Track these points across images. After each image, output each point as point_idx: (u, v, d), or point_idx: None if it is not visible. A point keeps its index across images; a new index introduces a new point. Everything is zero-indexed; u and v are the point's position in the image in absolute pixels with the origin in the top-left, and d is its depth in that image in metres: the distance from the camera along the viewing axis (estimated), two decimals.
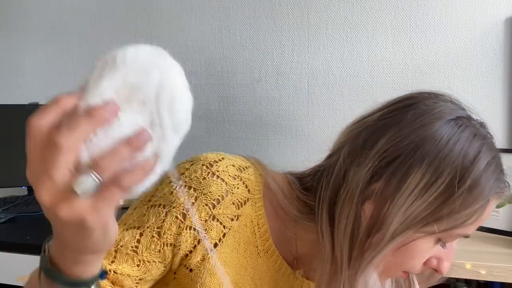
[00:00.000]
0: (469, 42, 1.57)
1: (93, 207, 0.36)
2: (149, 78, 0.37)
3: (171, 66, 0.40)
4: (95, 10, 1.99)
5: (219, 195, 0.61)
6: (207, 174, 0.61)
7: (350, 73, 1.70)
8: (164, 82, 0.38)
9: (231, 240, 0.62)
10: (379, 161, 0.58)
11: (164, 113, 0.38)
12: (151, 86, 0.37)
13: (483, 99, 1.56)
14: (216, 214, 0.61)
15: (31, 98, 2.07)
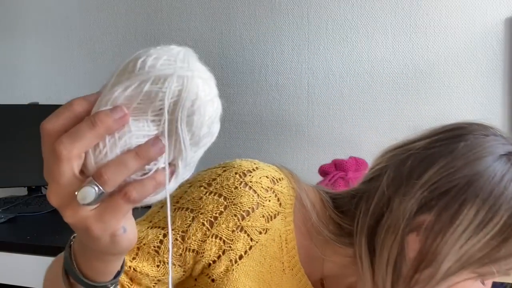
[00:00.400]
0: (469, 42, 1.57)
1: (98, 216, 0.36)
2: (166, 87, 0.35)
3: (195, 74, 0.36)
4: (95, 10, 1.99)
5: (250, 207, 0.59)
6: (240, 184, 0.59)
7: (350, 73, 1.70)
8: (183, 92, 0.35)
9: (257, 253, 0.60)
10: (428, 192, 0.56)
11: (182, 125, 0.36)
12: (168, 95, 0.35)
13: (483, 99, 1.56)
14: (244, 226, 0.59)
15: (31, 98, 2.07)
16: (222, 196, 0.59)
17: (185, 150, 0.37)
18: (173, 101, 0.35)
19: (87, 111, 0.35)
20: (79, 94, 1.43)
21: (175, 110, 0.35)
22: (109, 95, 0.35)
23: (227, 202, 0.58)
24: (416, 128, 1.80)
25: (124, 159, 0.35)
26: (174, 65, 0.35)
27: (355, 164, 1.37)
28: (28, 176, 1.82)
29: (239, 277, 0.59)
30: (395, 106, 1.65)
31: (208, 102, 0.36)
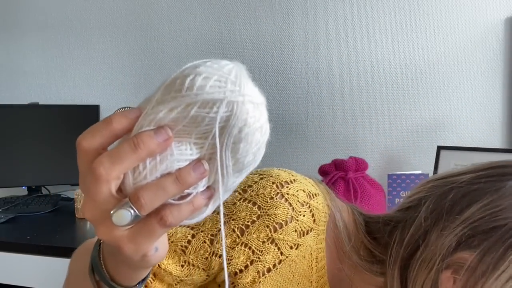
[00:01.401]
0: (469, 42, 1.57)
1: (131, 238, 0.36)
2: (215, 112, 0.33)
3: (246, 100, 0.33)
4: (95, 10, 1.99)
5: (283, 220, 0.57)
6: (276, 195, 0.58)
7: (350, 73, 1.70)
8: (232, 119, 0.33)
9: (286, 269, 0.59)
10: (469, 230, 0.52)
11: (227, 152, 0.34)
12: (216, 120, 0.33)
13: (483, 99, 1.56)
14: (275, 238, 0.57)
15: (31, 98, 2.07)
16: (257, 205, 0.57)
17: (227, 177, 0.35)
18: (220, 126, 0.33)
19: (127, 130, 0.34)
20: (78, 94, 1.45)
21: (221, 135, 0.34)
22: (153, 115, 0.33)
23: (261, 211, 0.57)
24: (416, 128, 1.80)
25: (163, 184, 0.34)
26: (224, 88, 0.33)
27: (355, 164, 1.37)
28: (28, 176, 1.83)
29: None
30: (395, 106, 1.65)
31: (257, 129, 0.34)
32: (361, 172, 1.39)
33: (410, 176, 1.41)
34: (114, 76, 1.97)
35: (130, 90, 1.95)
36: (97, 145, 0.34)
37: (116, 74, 1.97)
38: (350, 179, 1.34)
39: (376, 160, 1.67)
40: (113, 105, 1.89)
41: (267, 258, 0.57)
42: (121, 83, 1.96)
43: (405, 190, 1.41)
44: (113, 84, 1.97)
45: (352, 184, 1.33)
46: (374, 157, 1.67)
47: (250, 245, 0.57)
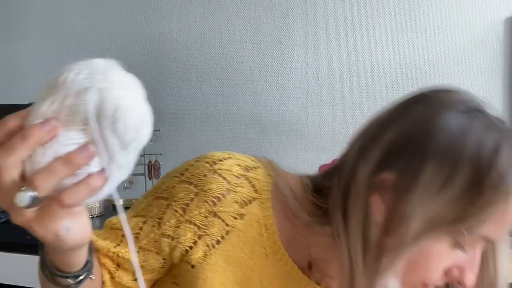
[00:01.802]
0: (469, 42, 1.57)
1: (37, 219, 0.39)
2: (86, 100, 0.38)
3: (114, 86, 0.39)
4: (95, 10, 1.99)
5: (220, 193, 0.61)
6: (209, 172, 0.61)
7: (350, 73, 1.70)
8: (103, 103, 0.38)
9: (235, 239, 0.61)
10: (385, 151, 0.56)
11: (107, 132, 0.39)
12: (89, 107, 0.38)
13: (483, 99, 1.56)
14: (217, 211, 0.60)
15: (31, 98, 2.06)
16: (193, 184, 0.61)
17: (115, 155, 0.39)
18: (97, 111, 0.38)
19: (20, 126, 0.39)
20: None
21: (98, 119, 0.38)
22: (39, 110, 0.39)
23: (197, 189, 0.61)
24: None
25: (53, 166, 0.38)
26: (92, 79, 0.39)
27: None
28: None
29: (217, 262, 0.61)
30: None
31: (129, 109, 0.39)
32: None
33: None
34: None
35: None
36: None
37: None
38: None
39: None
40: None
41: (214, 231, 0.60)
42: None
43: None
44: None
45: None
46: None
47: (194, 222, 0.60)
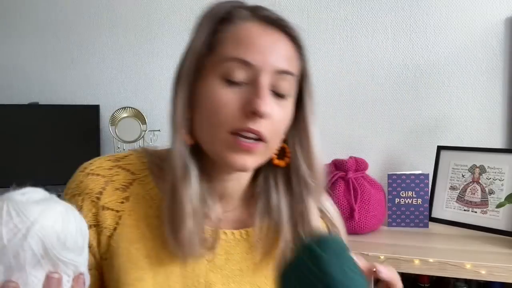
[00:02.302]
0: (469, 42, 1.57)
1: None
2: (28, 249, 0.43)
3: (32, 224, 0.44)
4: (95, 10, 1.99)
5: (99, 188, 0.67)
6: (83, 177, 0.68)
7: (350, 73, 1.70)
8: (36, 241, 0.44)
9: (128, 219, 0.66)
10: None
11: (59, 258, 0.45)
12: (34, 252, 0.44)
13: (483, 99, 1.56)
14: (103, 205, 0.66)
15: (31, 98, 2.07)
16: (77, 194, 0.68)
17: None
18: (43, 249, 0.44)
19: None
20: (78, 94, 1.45)
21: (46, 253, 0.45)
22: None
23: (81, 196, 0.67)
24: (416, 128, 1.81)
25: None
26: (16, 233, 0.43)
27: (355, 164, 1.37)
28: (28, 176, 1.82)
29: (120, 245, 0.65)
30: (395, 106, 1.65)
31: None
32: (361, 172, 1.39)
33: (410, 176, 1.41)
34: (114, 76, 1.97)
35: (130, 90, 1.95)
36: None
37: (116, 74, 1.97)
38: (350, 179, 1.34)
39: (376, 160, 1.67)
40: (113, 105, 1.89)
41: (109, 222, 0.66)
42: (121, 83, 1.96)
43: (405, 190, 1.41)
44: (113, 84, 1.97)
45: (352, 184, 1.33)
46: (374, 157, 1.67)
47: (91, 224, 0.66)
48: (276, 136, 0.64)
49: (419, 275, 1.40)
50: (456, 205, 1.42)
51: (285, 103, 0.65)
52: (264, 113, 0.59)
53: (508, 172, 1.34)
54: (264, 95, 0.60)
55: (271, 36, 0.65)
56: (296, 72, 0.66)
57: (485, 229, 1.33)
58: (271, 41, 0.64)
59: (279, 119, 0.63)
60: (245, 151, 0.61)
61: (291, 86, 0.65)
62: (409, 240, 1.28)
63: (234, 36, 0.63)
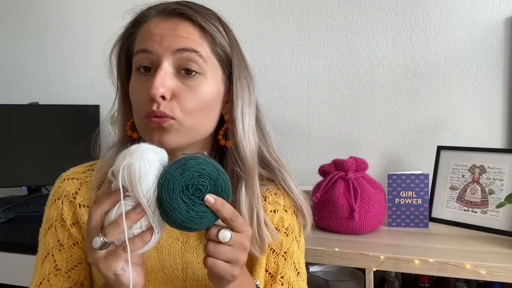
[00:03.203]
0: (469, 42, 1.57)
1: (104, 258, 0.56)
2: (120, 178, 0.56)
3: (132, 162, 0.56)
4: (95, 10, 1.99)
5: (75, 190, 0.76)
6: (61, 183, 0.78)
7: (350, 73, 1.70)
8: (126, 177, 0.56)
9: None
10: None
11: (138, 193, 0.56)
12: (125, 182, 0.56)
13: (483, 99, 1.56)
14: (79, 202, 0.76)
15: (31, 98, 2.07)
16: (57, 198, 0.77)
17: (149, 214, 0.57)
18: (128, 181, 0.57)
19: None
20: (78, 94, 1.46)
21: (132, 186, 0.57)
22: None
23: (61, 199, 0.76)
24: (416, 128, 1.81)
25: (117, 220, 0.55)
26: (122, 160, 0.57)
27: (355, 164, 1.37)
28: (28, 176, 1.83)
29: None
30: (395, 106, 1.65)
31: (147, 174, 0.56)
32: (361, 172, 1.39)
33: (410, 176, 1.41)
34: (114, 76, 1.97)
35: None
36: None
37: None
38: (350, 179, 1.34)
39: (376, 160, 1.67)
40: (113, 105, 1.88)
41: (85, 218, 0.76)
42: None
43: (405, 190, 1.41)
44: (113, 84, 1.97)
45: (352, 184, 1.33)
46: (374, 157, 1.67)
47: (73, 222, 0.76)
48: (190, 114, 0.68)
49: (419, 275, 1.40)
50: (456, 205, 1.42)
51: (197, 82, 0.68)
52: (155, 95, 0.65)
53: (508, 172, 1.34)
54: (156, 79, 0.66)
55: (169, 24, 0.69)
56: (204, 51, 0.69)
57: (485, 229, 1.33)
58: (168, 28, 0.69)
59: (187, 98, 0.68)
60: (157, 127, 0.68)
61: (199, 64, 0.68)
62: (409, 240, 1.28)
63: (141, 33, 0.72)
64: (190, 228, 0.57)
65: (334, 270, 1.49)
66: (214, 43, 0.71)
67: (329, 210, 1.33)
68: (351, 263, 1.17)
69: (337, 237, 1.30)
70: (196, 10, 0.70)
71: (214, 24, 0.72)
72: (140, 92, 0.69)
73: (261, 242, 0.73)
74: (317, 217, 1.39)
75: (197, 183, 0.56)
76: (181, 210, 0.55)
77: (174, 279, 0.74)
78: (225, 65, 0.73)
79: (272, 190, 0.81)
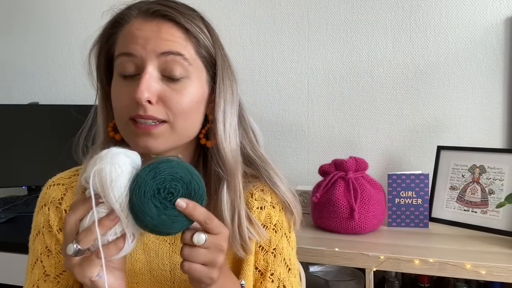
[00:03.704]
0: (469, 42, 1.57)
1: (79, 265, 0.56)
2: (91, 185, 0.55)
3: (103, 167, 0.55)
4: (95, 10, 1.99)
5: (61, 195, 0.77)
6: (47, 189, 0.78)
7: (350, 73, 1.70)
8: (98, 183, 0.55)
9: None
10: None
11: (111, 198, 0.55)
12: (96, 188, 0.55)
13: (483, 99, 1.56)
14: (65, 208, 0.76)
15: (31, 98, 2.07)
16: (43, 204, 0.78)
17: (123, 220, 0.56)
18: (100, 186, 0.55)
19: None
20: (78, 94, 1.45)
21: (104, 191, 0.56)
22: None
23: (47, 205, 0.77)
24: (416, 128, 1.81)
25: (90, 227, 0.55)
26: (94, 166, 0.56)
27: (355, 164, 1.37)
28: (28, 176, 1.82)
29: None
30: (395, 106, 1.65)
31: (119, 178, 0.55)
32: (361, 172, 1.39)
33: (410, 176, 1.41)
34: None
35: None
36: None
37: None
38: (350, 179, 1.34)
39: (376, 160, 1.67)
40: None
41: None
42: None
43: (405, 190, 1.41)
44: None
45: (352, 184, 1.33)
46: (374, 157, 1.67)
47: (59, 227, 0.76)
48: (180, 116, 0.68)
49: (419, 275, 1.40)
50: (456, 205, 1.42)
51: (183, 84, 0.68)
52: (141, 99, 0.64)
53: (508, 172, 1.34)
54: (141, 83, 0.65)
55: (152, 25, 0.68)
56: (188, 53, 0.69)
57: (485, 229, 1.33)
58: (151, 30, 0.67)
59: (176, 100, 0.67)
60: (144, 133, 0.67)
61: (184, 67, 0.68)
62: (409, 240, 1.28)
63: (122, 35, 0.71)
64: (162, 232, 0.56)
65: (334, 270, 1.49)
66: (198, 45, 0.70)
67: (329, 210, 1.33)
68: (351, 263, 1.17)
69: (337, 237, 1.30)
70: (179, 11, 0.69)
71: (198, 25, 0.71)
72: (124, 96, 0.68)
73: (243, 242, 0.72)
74: (317, 217, 1.39)
75: (169, 186, 0.55)
76: (152, 215, 0.54)
77: (162, 281, 0.74)
78: (209, 66, 0.73)
79: (259, 186, 0.80)
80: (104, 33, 0.76)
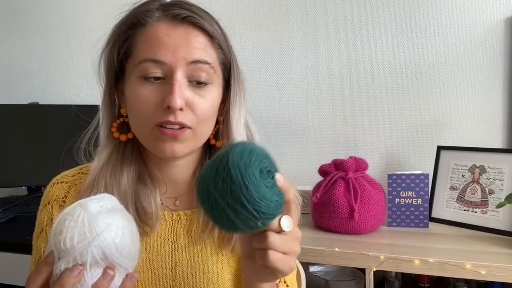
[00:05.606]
0: (469, 42, 1.57)
1: None
2: (89, 255, 0.52)
3: (99, 235, 0.52)
4: (95, 10, 1.99)
5: (64, 193, 0.76)
6: (51, 187, 0.78)
7: (350, 73, 1.70)
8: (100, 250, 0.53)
9: None
10: None
11: (117, 264, 0.54)
12: (92, 257, 0.52)
13: (483, 99, 1.56)
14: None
15: (31, 98, 2.07)
16: (47, 203, 0.77)
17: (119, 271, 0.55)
18: (101, 255, 0.52)
19: (50, 272, 0.53)
20: (78, 94, 1.45)
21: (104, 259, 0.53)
22: (59, 267, 0.53)
23: (50, 204, 0.76)
24: (416, 128, 1.81)
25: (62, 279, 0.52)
26: (84, 240, 0.52)
27: (355, 164, 1.37)
28: (28, 176, 1.83)
29: None
30: (395, 106, 1.65)
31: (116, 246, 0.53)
32: (361, 172, 1.39)
33: (410, 176, 1.41)
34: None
35: None
36: None
37: None
38: (350, 179, 1.34)
39: (376, 160, 1.67)
40: None
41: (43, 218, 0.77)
42: None
43: (405, 190, 1.41)
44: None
45: (352, 184, 1.33)
46: (374, 157, 1.67)
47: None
48: (202, 122, 0.70)
49: (419, 275, 1.40)
50: (456, 205, 1.42)
51: (207, 90, 0.70)
52: (176, 108, 0.65)
53: (508, 172, 1.34)
54: (175, 91, 0.65)
55: (180, 32, 0.68)
56: (213, 60, 0.70)
57: (485, 229, 1.33)
58: (180, 38, 0.68)
59: (201, 106, 0.69)
60: (171, 138, 0.67)
61: (210, 74, 0.69)
62: (409, 240, 1.28)
63: (146, 38, 0.69)
64: (265, 221, 0.49)
65: (334, 270, 1.49)
66: (221, 52, 0.73)
67: (329, 210, 1.33)
68: (351, 263, 1.17)
69: (337, 237, 1.30)
70: (202, 17, 0.70)
71: (218, 31, 0.73)
72: (149, 101, 0.67)
73: None
74: (317, 217, 1.39)
75: (266, 164, 0.50)
76: (270, 196, 0.49)
77: (163, 279, 0.74)
78: (226, 70, 0.75)
79: None
80: (121, 34, 0.73)
